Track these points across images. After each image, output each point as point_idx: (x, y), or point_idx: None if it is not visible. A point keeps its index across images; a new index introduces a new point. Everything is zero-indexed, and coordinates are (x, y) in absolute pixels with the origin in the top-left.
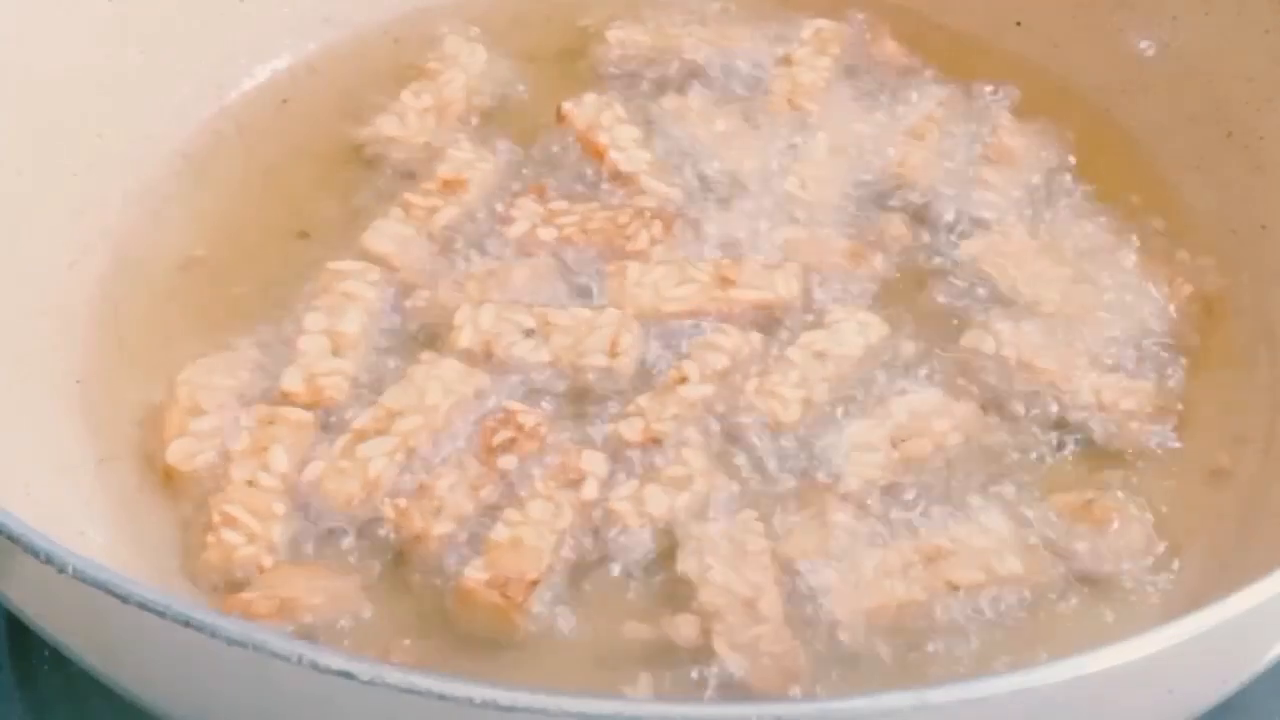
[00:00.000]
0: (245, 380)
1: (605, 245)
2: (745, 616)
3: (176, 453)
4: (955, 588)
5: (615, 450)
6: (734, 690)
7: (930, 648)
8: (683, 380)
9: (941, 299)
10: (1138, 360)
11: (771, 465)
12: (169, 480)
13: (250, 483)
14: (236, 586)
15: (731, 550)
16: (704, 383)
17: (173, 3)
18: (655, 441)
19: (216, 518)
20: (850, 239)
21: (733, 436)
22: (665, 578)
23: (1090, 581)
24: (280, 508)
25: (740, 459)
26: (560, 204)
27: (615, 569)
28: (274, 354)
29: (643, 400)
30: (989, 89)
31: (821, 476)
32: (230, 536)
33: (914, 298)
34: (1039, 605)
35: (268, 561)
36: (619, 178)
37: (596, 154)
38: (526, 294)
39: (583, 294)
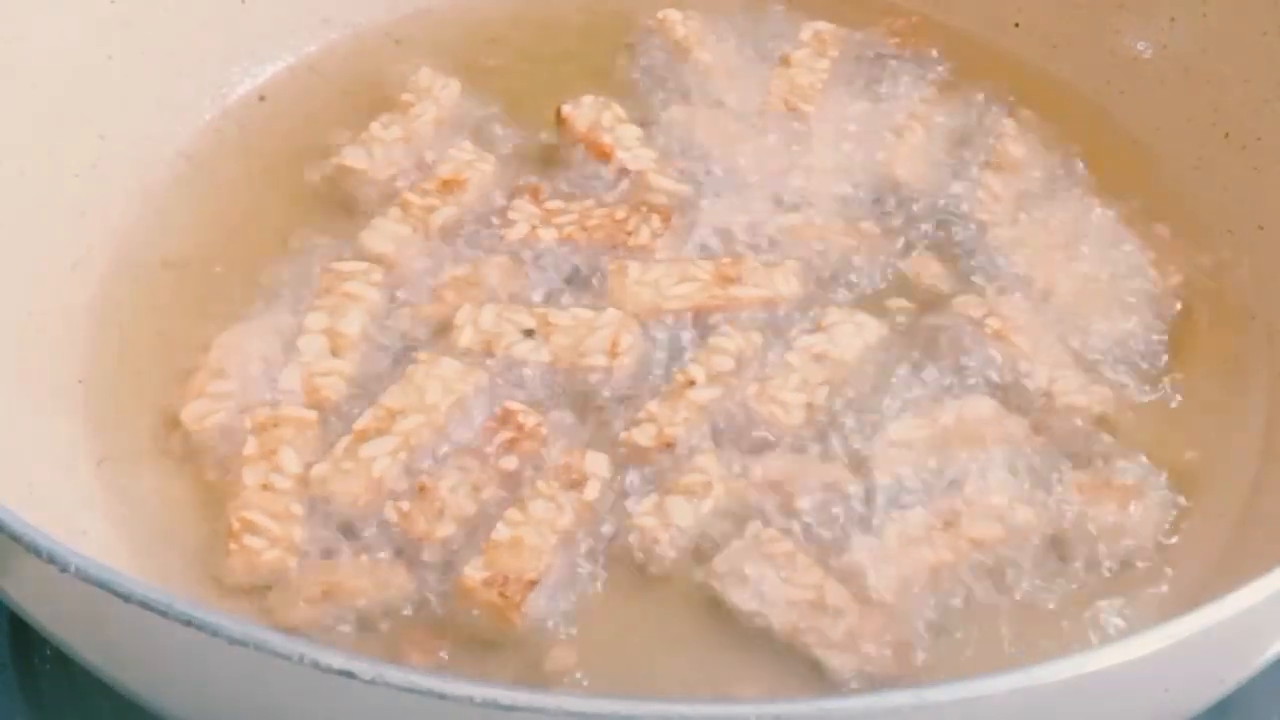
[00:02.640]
0: (273, 346)
1: (607, 242)
2: (822, 616)
3: (191, 413)
4: (979, 543)
5: (628, 457)
6: (865, 683)
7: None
8: (690, 383)
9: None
10: (1123, 358)
11: (780, 463)
12: (183, 441)
13: (264, 486)
14: (264, 590)
15: (768, 565)
16: (712, 385)
17: (173, 3)
18: (669, 446)
19: (236, 524)
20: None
21: (741, 440)
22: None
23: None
24: (298, 508)
25: (748, 459)
26: (556, 203)
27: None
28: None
29: (653, 405)
30: (985, 94)
31: (839, 467)
32: (253, 542)
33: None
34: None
35: (292, 563)
36: (626, 176)
37: (602, 154)
38: (502, 293)
39: (559, 288)
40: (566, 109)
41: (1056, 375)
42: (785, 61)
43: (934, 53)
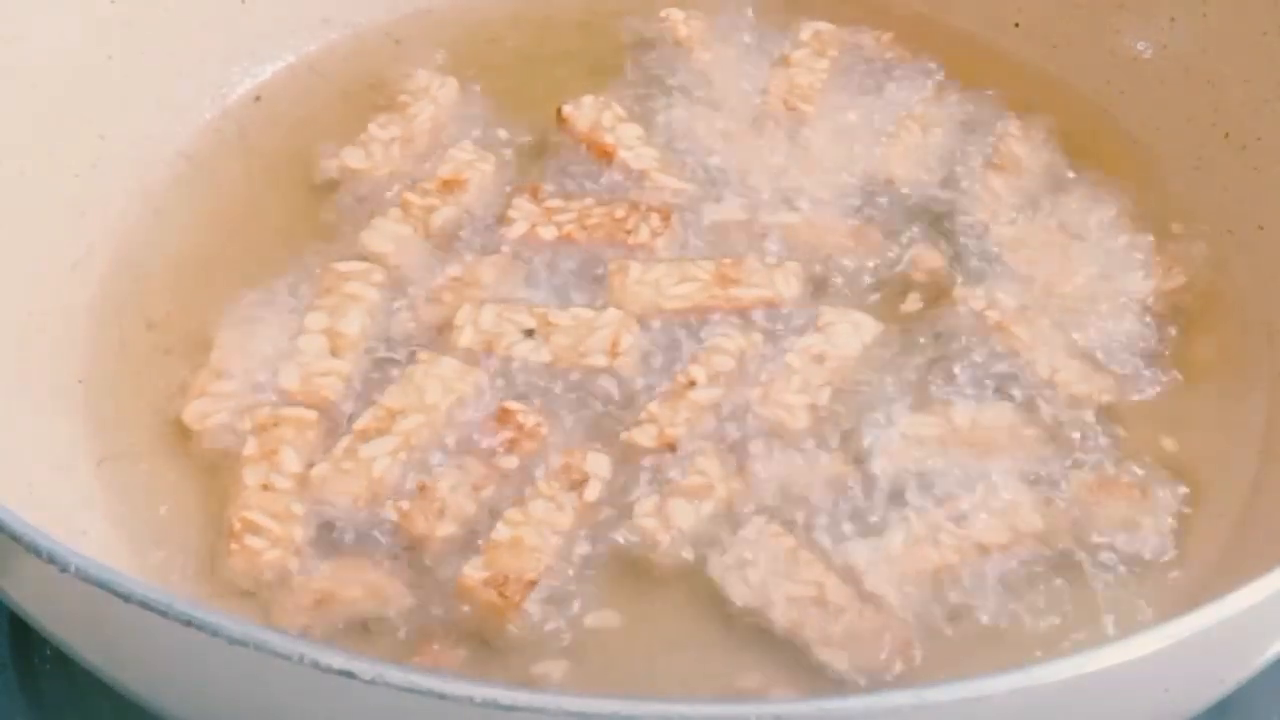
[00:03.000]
0: (273, 345)
1: (606, 241)
2: (823, 613)
3: (192, 413)
4: (985, 549)
5: (629, 457)
6: (865, 681)
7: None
8: (691, 384)
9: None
10: (1124, 358)
11: (785, 465)
12: (183, 440)
13: (265, 486)
14: (264, 590)
15: (770, 561)
16: (712, 386)
17: (173, 3)
18: (670, 447)
19: (237, 525)
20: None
21: (743, 440)
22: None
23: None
24: (298, 508)
25: (751, 461)
26: (556, 202)
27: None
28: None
29: (654, 406)
30: (985, 94)
31: (844, 467)
32: (253, 542)
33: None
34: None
35: (294, 563)
36: (630, 175)
37: (604, 154)
38: (501, 292)
39: (558, 287)
40: (567, 109)
41: (1058, 366)
42: (785, 61)
43: (933, 53)
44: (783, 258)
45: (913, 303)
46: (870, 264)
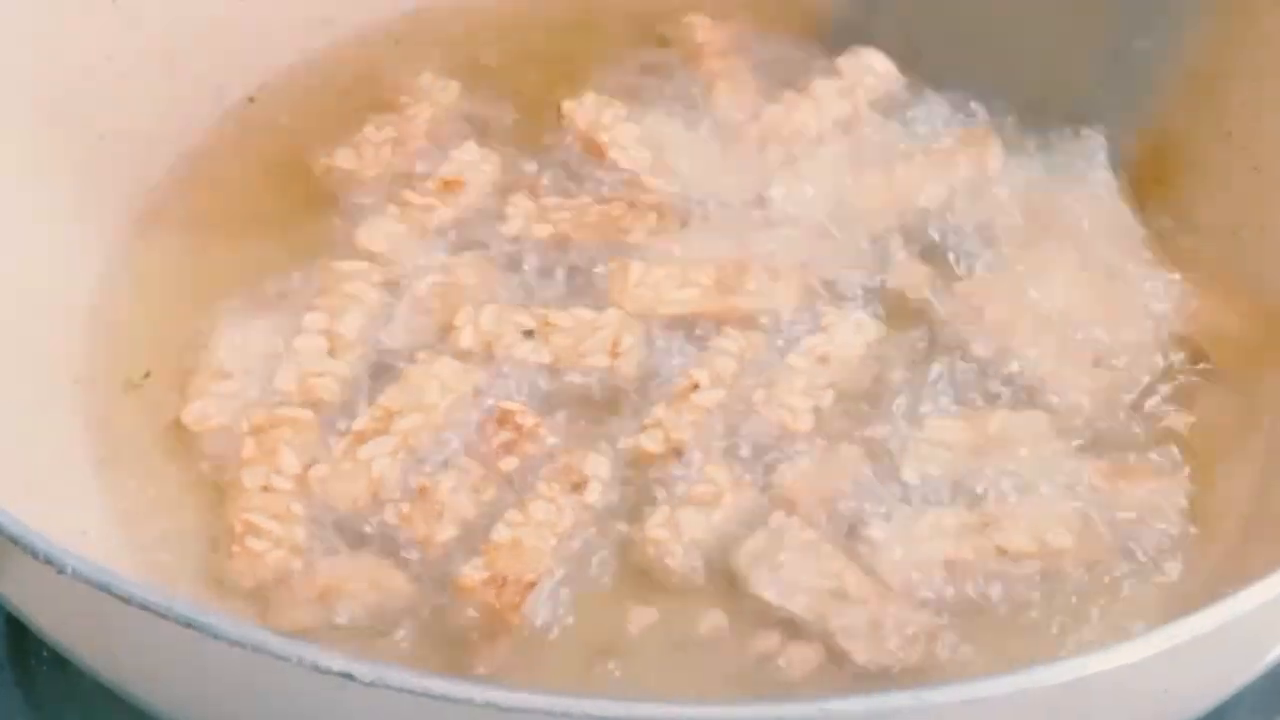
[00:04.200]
0: (273, 346)
1: (602, 240)
2: (845, 605)
3: (192, 414)
4: (1004, 553)
5: (636, 463)
6: (887, 677)
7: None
8: (695, 387)
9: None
10: (1124, 358)
11: (792, 468)
12: (183, 441)
13: (265, 488)
14: (265, 592)
15: (792, 553)
16: (716, 388)
17: (174, 3)
18: (677, 452)
19: (238, 527)
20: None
21: (750, 444)
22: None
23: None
24: (298, 508)
25: (760, 463)
26: (553, 199)
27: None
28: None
29: (658, 410)
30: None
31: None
32: (255, 544)
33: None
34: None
35: (297, 564)
36: (621, 175)
37: (597, 153)
38: (498, 292)
39: (555, 286)
40: (567, 105)
41: (1059, 365)
42: (795, 85)
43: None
44: (782, 267)
45: (913, 306)
46: (870, 273)
